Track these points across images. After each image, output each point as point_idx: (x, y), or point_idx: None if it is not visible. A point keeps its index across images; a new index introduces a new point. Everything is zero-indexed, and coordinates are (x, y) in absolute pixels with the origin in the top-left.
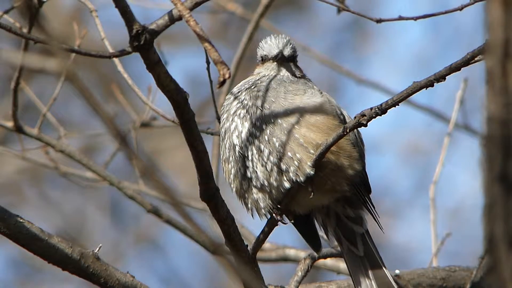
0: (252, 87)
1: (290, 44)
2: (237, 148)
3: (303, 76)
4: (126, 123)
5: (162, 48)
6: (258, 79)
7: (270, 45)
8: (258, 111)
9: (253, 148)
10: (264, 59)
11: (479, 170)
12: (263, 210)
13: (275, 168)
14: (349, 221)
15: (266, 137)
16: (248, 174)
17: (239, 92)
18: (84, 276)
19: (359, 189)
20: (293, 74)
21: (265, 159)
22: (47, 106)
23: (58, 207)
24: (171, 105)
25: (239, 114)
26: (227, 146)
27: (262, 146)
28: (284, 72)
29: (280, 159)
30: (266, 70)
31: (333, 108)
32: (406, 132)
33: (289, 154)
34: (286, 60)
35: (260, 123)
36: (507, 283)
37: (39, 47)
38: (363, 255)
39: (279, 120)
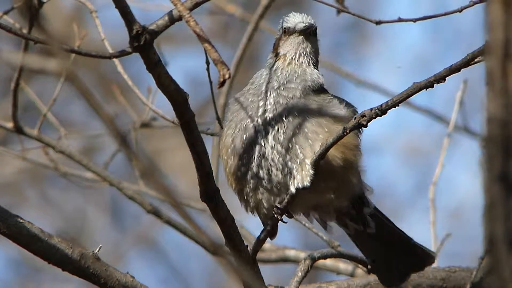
0: (280, 88)
1: (313, 19)
2: (259, 148)
3: (322, 85)
4: (126, 123)
5: (162, 49)
6: (285, 77)
7: (297, 18)
8: (283, 119)
9: (275, 152)
10: (287, 32)
11: (479, 171)
12: (265, 211)
13: (289, 175)
14: (353, 210)
15: (289, 144)
16: (261, 174)
17: (266, 91)
18: (84, 276)
19: (357, 203)
20: (316, 53)
21: (283, 164)
22: (47, 106)
23: (58, 207)
24: (171, 105)
25: (266, 116)
26: (245, 142)
27: (284, 151)
28: (309, 51)
29: (296, 166)
30: (291, 46)
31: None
32: (406, 133)
33: (307, 161)
34: (314, 34)
35: (285, 130)
36: (507, 284)
37: (39, 48)
38: (375, 232)
39: (304, 130)
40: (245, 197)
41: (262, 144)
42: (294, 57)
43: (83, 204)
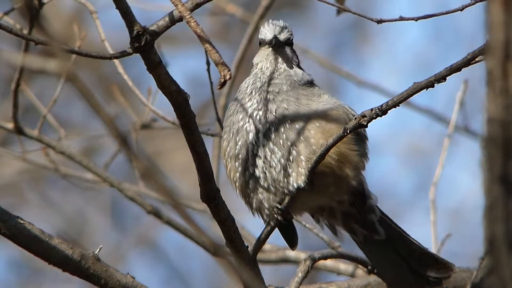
0: (264, 86)
1: (286, 28)
2: (251, 147)
3: (311, 81)
4: (127, 124)
5: (162, 49)
6: (266, 76)
7: (267, 30)
8: (272, 115)
9: (267, 149)
10: (261, 43)
11: (479, 171)
12: (266, 211)
13: (283, 171)
14: (359, 214)
15: (280, 140)
16: (257, 173)
17: (251, 92)
18: (84, 277)
19: (357, 198)
20: (289, 60)
21: (276, 161)
22: (47, 107)
23: (59, 208)
24: (172, 106)
25: (255, 115)
26: (239, 144)
27: (276, 148)
28: (280, 61)
29: (290, 162)
30: (262, 57)
31: (347, 113)
32: (407, 133)
33: (302, 157)
34: (281, 46)
35: (276, 126)
36: (508, 284)
37: (40, 48)
38: (385, 238)
39: (295, 125)
40: (248, 199)
41: (254, 143)
42: (266, 67)
43: (84, 205)
